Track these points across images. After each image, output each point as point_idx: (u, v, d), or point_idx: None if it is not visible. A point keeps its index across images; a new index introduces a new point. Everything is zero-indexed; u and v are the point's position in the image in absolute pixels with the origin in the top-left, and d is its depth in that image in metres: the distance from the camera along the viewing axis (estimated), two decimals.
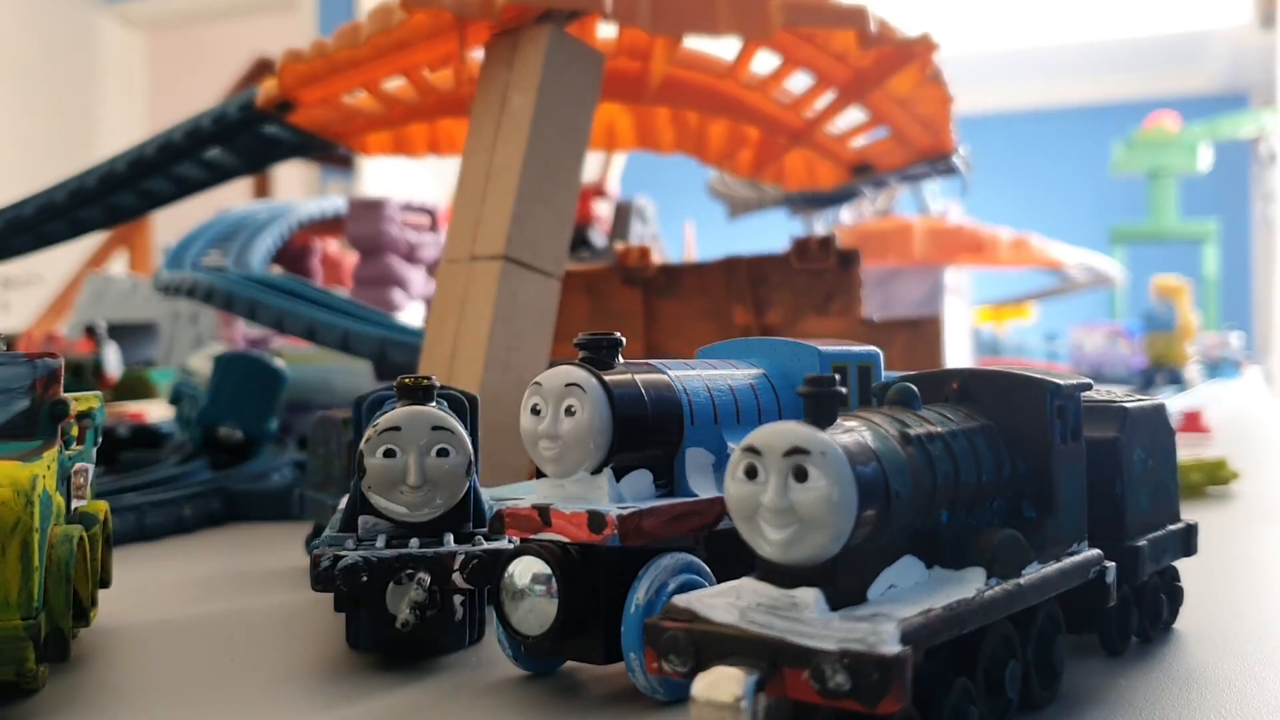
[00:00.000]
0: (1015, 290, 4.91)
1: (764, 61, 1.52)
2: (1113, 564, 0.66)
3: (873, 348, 0.75)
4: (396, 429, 0.71)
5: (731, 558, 0.65)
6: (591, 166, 2.82)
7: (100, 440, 0.84)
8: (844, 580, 0.50)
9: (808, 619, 0.49)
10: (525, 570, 0.63)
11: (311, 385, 1.82)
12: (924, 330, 1.37)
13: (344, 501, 0.77)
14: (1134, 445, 0.73)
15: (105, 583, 0.83)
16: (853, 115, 1.67)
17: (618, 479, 0.63)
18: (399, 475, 0.71)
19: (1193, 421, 2.17)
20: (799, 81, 1.58)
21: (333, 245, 2.91)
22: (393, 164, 5.92)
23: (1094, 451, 0.69)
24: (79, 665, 0.73)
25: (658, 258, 1.61)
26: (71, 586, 0.65)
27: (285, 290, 1.72)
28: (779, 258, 1.45)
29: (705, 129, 1.79)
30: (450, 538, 0.72)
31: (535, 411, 0.63)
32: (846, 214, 3.51)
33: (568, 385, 0.62)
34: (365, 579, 0.69)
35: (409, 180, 6.28)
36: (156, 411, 1.95)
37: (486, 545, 0.72)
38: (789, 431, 0.49)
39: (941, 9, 7.32)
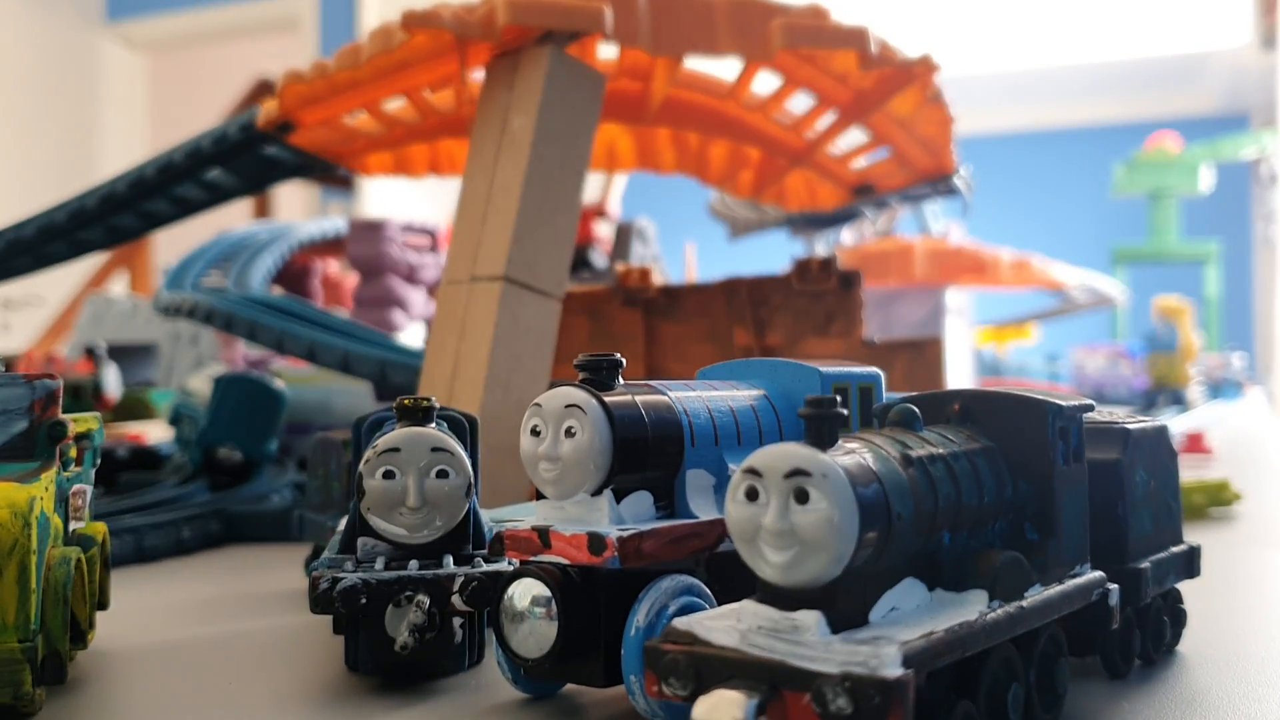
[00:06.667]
0: (1016, 311, 4.92)
1: (765, 82, 1.52)
2: (1115, 586, 0.65)
3: (874, 369, 0.75)
4: (396, 450, 0.71)
5: (732, 580, 0.65)
6: (592, 187, 2.82)
7: (99, 461, 0.83)
8: (845, 603, 0.50)
9: (809, 642, 0.48)
10: (525, 592, 0.63)
11: (311, 406, 1.82)
12: (925, 351, 1.37)
13: (343, 523, 0.77)
14: (1136, 467, 0.73)
15: (103, 605, 0.83)
16: (854, 136, 1.67)
17: (618, 500, 0.62)
18: (398, 497, 0.71)
19: (1195, 443, 2.17)
20: (800, 102, 1.58)
21: (333, 266, 2.91)
22: (393, 185, 5.93)
23: (1096, 473, 0.69)
24: (76, 688, 0.72)
25: (658, 279, 1.61)
26: (69, 609, 0.65)
27: (285, 311, 1.72)
28: (780, 279, 1.44)
29: (706, 150, 1.79)
30: (450, 560, 0.72)
31: (535, 433, 0.63)
32: (847, 235, 3.51)
33: (568, 406, 0.62)
34: (364, 601, 0.69)
35: (409, 201, 6.29)
36: (156, 433, 1.95)
37: (486, 567, 0.72)
38: (790, 453, 0.49)
39: (943, 30, 7.34)
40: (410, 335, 2.25)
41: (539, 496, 0.65)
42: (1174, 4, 7.36)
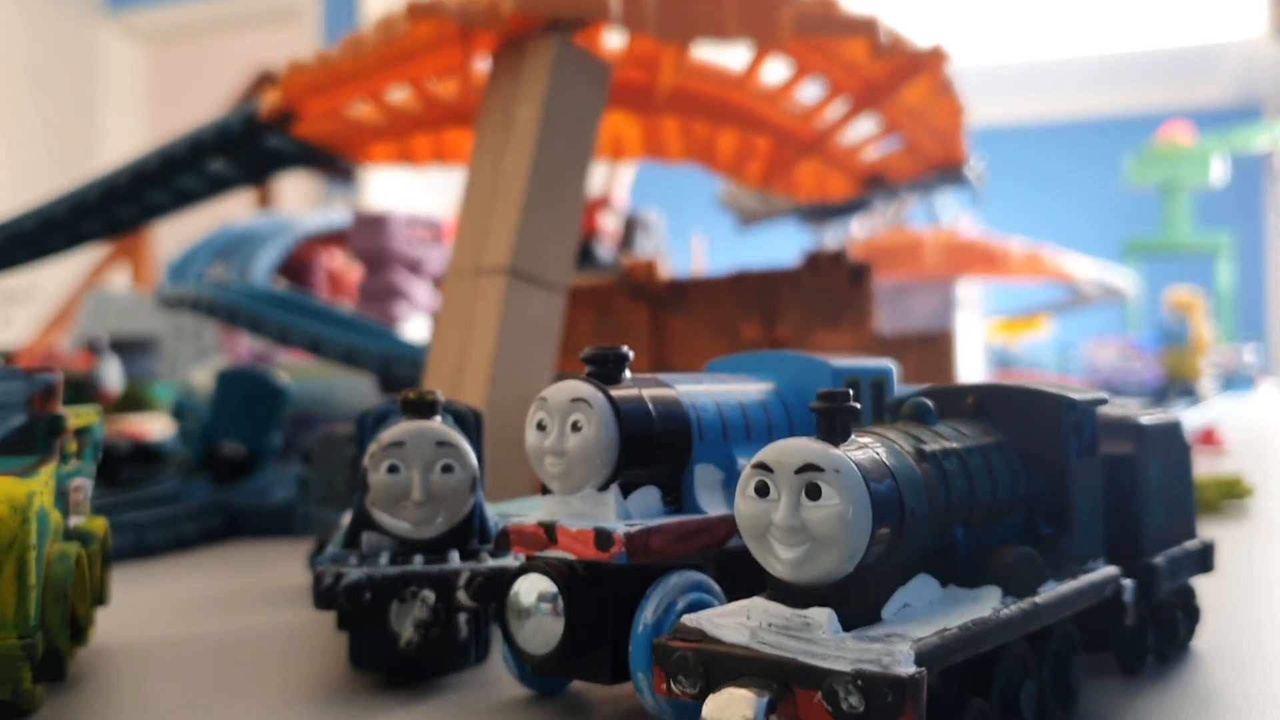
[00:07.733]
0: (1028, 303, 4.90)
1: (774, 72, 1.51)
2: (1130, 582, 0.65)
3: (886, 362, 0.74)
4: (400, 444, 0.71)
5: (742, 576, 0.64)
6: (598, 178, 2.81)
7: (99, 456, 0.83)
8: (857, 599, 0.50)
9: (820, 639, 0.48)
10: (531, 588, 0.62)
11: (315, 400, 1.81)
12: (936, 344, 1.36)
13: (347, 518, 0.76)
14: (1150, 461, 0.72)
15: (103, 601, 0.82)
16: (864, 126, 1.66)
17: (625, 496, 0.61)
18: (403, 491, 0.70)
19: (1208, 436, 2.16)
20: (810, 92, 1.57)
21: (337, 258, 2.91)
22: (396, 178, 5.93)
23: (1110, 467, 0.68)
24: (76, 685, 0.72)
25: (665, 271, 1.60)
26: (69, 605, 0.64)
27: (289, 304, 1.71)
28: (789, 271, 1.44)
29: (714, 139, 1.78)
30: (455, 555, 0.72)
31: (541, 427, 0.62)
32: (857, 226, 3.50)
33: (574, 400, 0.61)
34: (368, 597, 0.68)
35: (413, 194, 6.29)
36: (158, 427, 1.95)
37: (492, 563, 0.71)
38: (801, 448, 0.49)
39: (954, 20, 7.33)
40: (414, 328, 2.24)
41: (545, 491, 0.64)
42: None
